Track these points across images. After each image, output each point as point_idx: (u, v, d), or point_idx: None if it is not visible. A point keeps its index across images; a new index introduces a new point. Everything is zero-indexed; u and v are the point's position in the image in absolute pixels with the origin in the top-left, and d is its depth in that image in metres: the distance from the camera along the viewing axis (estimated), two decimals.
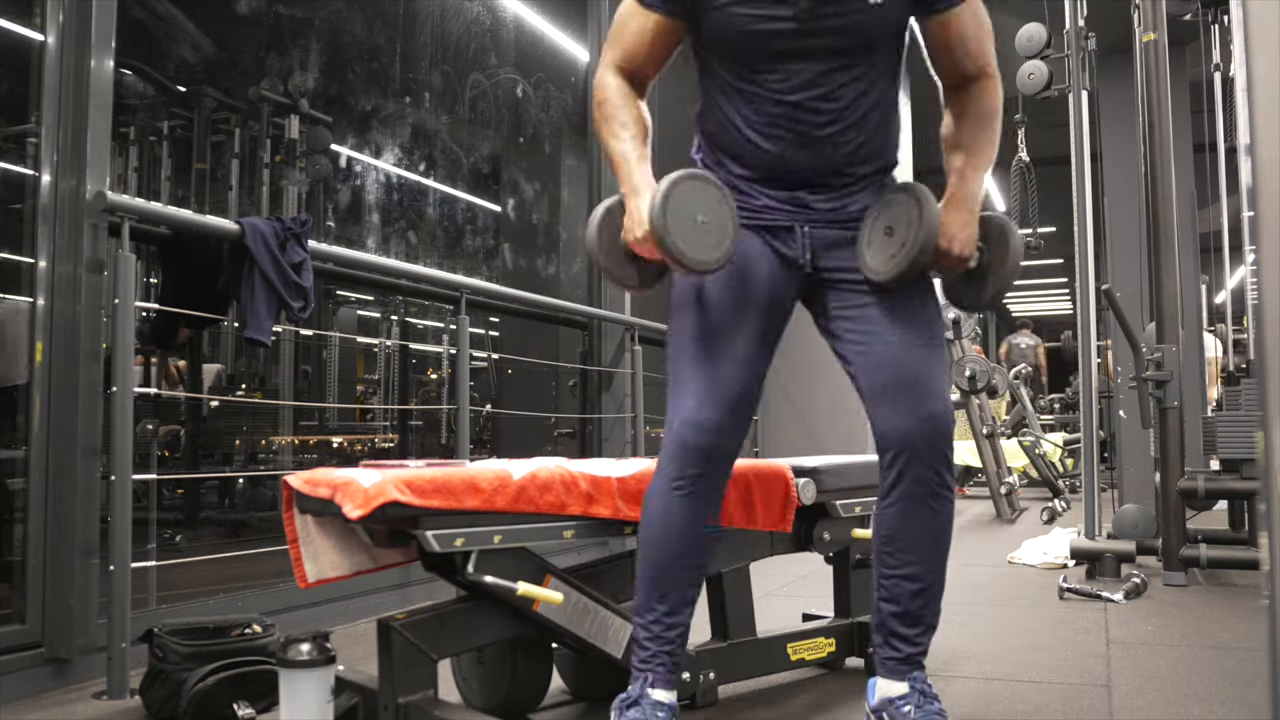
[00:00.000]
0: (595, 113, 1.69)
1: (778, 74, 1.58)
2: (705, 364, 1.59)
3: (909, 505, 1.59)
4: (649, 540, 1.61)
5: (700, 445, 1.57)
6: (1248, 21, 0.78)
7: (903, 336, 1.61)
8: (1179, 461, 3.42)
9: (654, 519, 1.61)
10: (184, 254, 2.50)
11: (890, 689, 1.62)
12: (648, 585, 1.60)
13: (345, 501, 1.45)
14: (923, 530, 1.60)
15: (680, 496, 1.58)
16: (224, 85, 5.06)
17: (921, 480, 1.58)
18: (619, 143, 1.63)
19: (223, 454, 5.22)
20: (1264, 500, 0.78)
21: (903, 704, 1.59)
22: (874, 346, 1.62)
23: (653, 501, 1.61)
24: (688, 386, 1.59)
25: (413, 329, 7.18)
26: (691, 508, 1.59)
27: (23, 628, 2.07)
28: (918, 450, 1.57)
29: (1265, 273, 0.75)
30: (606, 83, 1.66)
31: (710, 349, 1.60)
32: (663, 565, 1.60)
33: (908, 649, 1.62)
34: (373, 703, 1.57)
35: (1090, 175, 3.99)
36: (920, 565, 1.60)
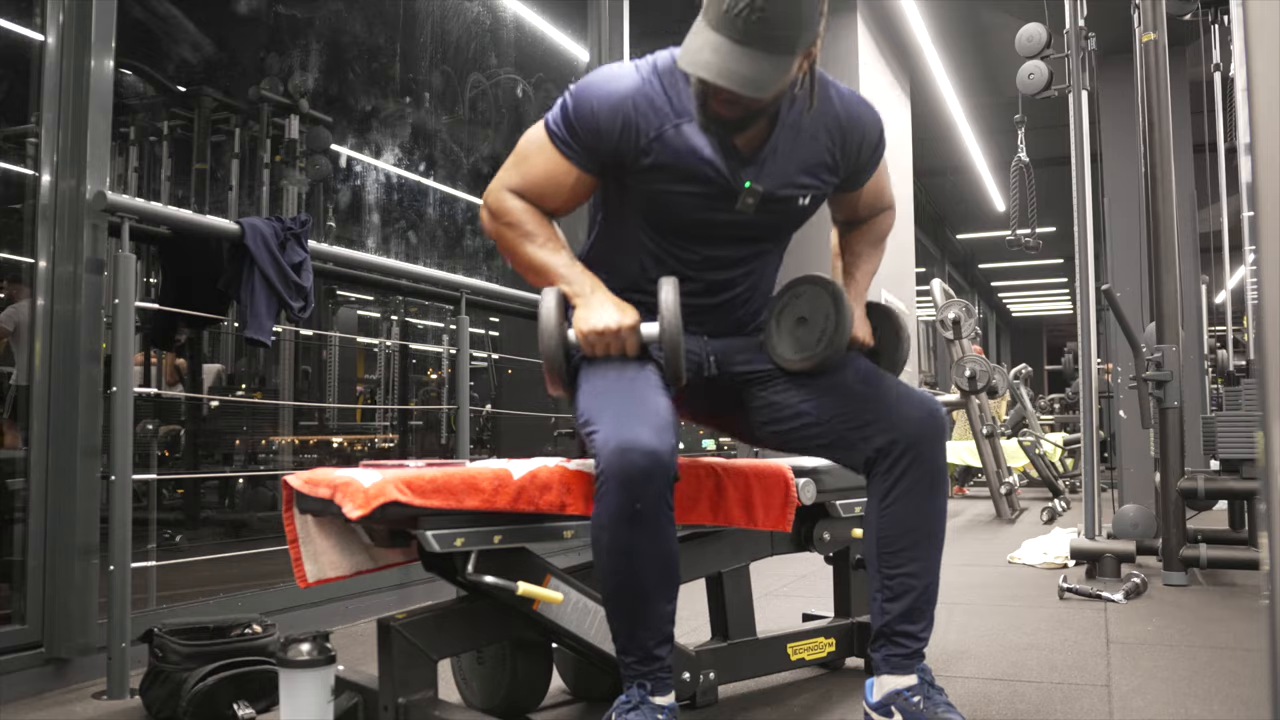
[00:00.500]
0: (501, 231, 1.64)
1: (699, 248, 1.66)
2: (631, 394, 1.52)
3: (914, 503, 1.60)
4: (618, 582, 1.47)
5: (649, 468, 1.42)
6: (1248, 21, 0.77)
7: (853, 372, 1.69)
8: (1179, 461, 3.42)
9: (617, 556, 1.45)
10: (184, 254, 2.50)
11: (897, 682, 1.61)
12: (625, 619, 1.49)
13: (345, 502, 1.45)
14: (927, 527, 1.62)
15: (641, 527, 1.43)
16: (224, 85, 5.06)
17: (926, 476, 1.61)
18: (546, 254, 1.60)
19: (223, 454, 5.22)
20: (1264, 500, 0.78)
21: (911, 695, 1.59)
22: (825, 386, 1.68)
23: (605, 538, 1.45)
24: (621, 417, 1.46)
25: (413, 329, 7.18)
26: (659, 532, 1.45)
27: (23, 628, 2.07)
28: (922, 447, 1.60)
29: (1265, 273, 0.74)
30: (510, 204, 1.62)
31: (633, 382, 1.55)
32: (637, 599, 1.48)
33: (914, 644, 1.63)
34: (373, 703, 1.57)
35: (1090, 175, 3.99)
36: (922, 562, 1.62)
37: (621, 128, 1.54)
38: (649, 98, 1.55)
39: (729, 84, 1.42)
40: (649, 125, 1.55)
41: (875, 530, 1.64)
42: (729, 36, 1.40)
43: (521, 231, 1.61)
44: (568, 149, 1.58)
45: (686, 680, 1.79)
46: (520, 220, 1.61)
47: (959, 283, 14.78)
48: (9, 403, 2.48)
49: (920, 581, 1.62)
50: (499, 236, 1.65)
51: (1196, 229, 6.37)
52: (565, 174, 1.60)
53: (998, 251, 13.26)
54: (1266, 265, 0.75)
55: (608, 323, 1.54)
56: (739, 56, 1.40)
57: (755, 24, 1.39)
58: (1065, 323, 19.15)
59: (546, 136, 1.60)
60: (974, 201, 11.34)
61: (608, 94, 1.55)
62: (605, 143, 1.56)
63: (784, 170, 1.62)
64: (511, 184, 1.63)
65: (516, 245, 1.62)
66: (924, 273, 10.40)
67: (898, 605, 1.62)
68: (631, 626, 1.49)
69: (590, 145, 1.57)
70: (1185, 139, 6.23)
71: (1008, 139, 5.95)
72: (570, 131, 1.57)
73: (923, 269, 10.24)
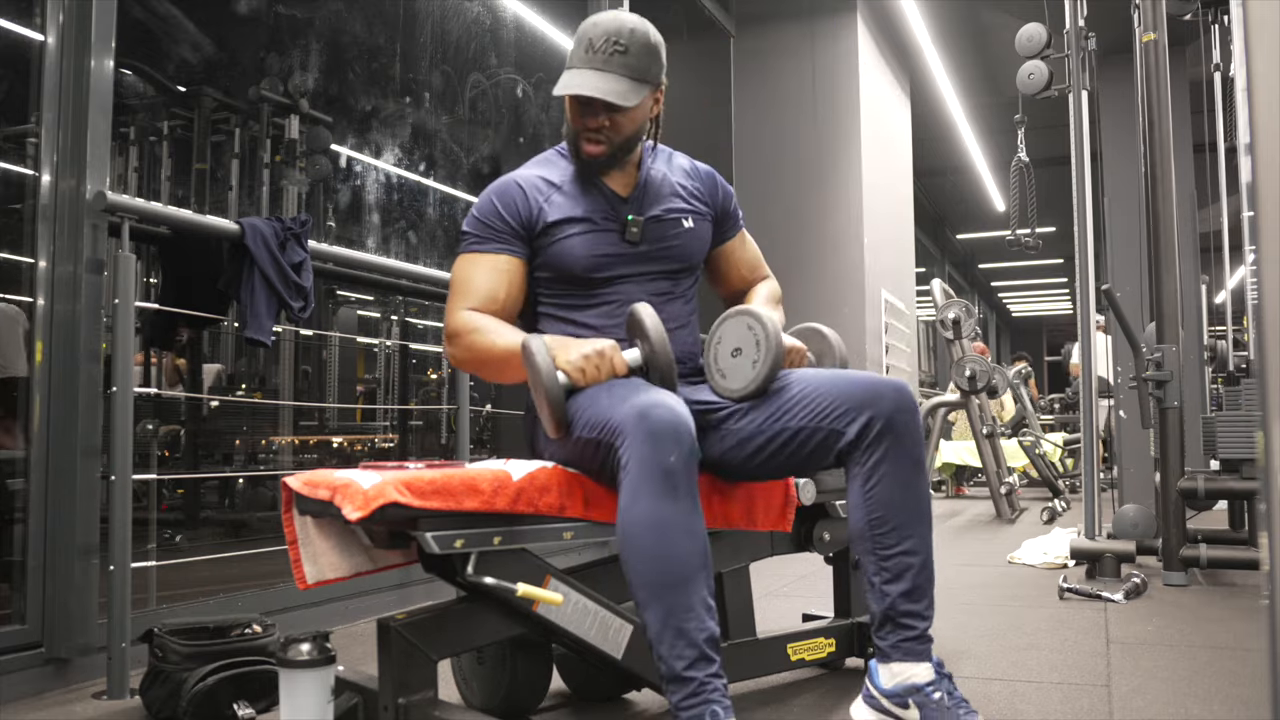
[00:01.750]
0: (468, 344, 1.73)
1: (613, 290, 1.80)
2: (639, 387, 1.56)
3: (897, 479, 1.62)
4: (655, 567, 1.43)
5: (674, 422, 1.45)
6: (1248, 21, 0.77)
7: (810, 376, 1.74)
8: (1179, 461, 3.42)
9: (652, 534, 1.43)
10: (184, 254, 2.50)
11: (913, 673, 1.60)
12: (667, 611, 1.42)
13: (345, 503, 1.45)
14: (914, 502, 1.63)
15: (674, 497, 1.43)
16: (224, 85, 5.06)
17: (905, 452, 1.63)
18: (514, 337, 1.69)
19: (223, 454, 5.22)
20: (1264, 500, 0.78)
21: (932, 690, 1.58)
22: (786, 397, 1.71)
23: (636, 516, 1.43)
24: (636, 398, 1.49)
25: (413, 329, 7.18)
26: (692, 508, 1.45)
27: (23, 628, 2.07)
28: (898, 420, 1.63)
29: (1265, 273, 0.74)
30: (469, 317, 1.74)
31: (636, 384, 1.60)
32: (679, 582, 1.42)
33: (922, 624, 1.62)
34: (373, 703, 1.57)
35: (1090, 175, 3.99)
36: (916, 538, 1.63)
37: (518, 200, 1.79)
38: (535, 177, 1.83)
39: (595, 93, 1.68)
40: (540, 194, 1.80)
41: (864, 513, 1.64)
42: (591, 67, 1.71)
43: (485, 330, 1.72)
44: (490, 244, 1.78)
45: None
46: (480, 323, 1.73)
47: (959, 283, 14.78)
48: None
49: (917, 558, 1.62)
50: (468, 352, 1.74)
51: (1196, 229, 6.36)
52: (499, 264, 1.77)
53: (998, 251, 13.26)
54: (1266, 265, 0.75)
55: (593, 348, 1.63)
56: (600, 77, 1.70)
57: (612, 54, 1.70)
58: (1065, 323, 19.15)
59: (468, 254, 1.79)
60: (974, 201, 11.34)
61: (500, 186, 1.82)
62: (512, 219, 1.78)
63: (657, 200, 1.85)
64: (462, 305, 1.76)
65: (485, 346, 1.71)
66: (924, 273, 10.40)
67: (899, 585, 1.61)
68: (679, 619, 1.42)
69: (503, 228, 1.78)
70: (1185, 139, 6.22)
71: (1008, 139, 5.95)
72: (485, 229, 1.78)
73: (923, 269, 10.23)
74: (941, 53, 7.04)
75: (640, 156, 1.86)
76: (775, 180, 5.92)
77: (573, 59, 1.74)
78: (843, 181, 6.04)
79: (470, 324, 1.73)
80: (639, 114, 1.77)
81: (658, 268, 1.84)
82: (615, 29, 1.71)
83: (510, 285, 1.78)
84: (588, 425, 1.58)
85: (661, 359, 1.62)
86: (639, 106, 1.75)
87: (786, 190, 5.96)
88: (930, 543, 1.66)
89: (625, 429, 1.47)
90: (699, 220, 1.89)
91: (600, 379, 1.62)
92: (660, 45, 1.76)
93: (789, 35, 6.07)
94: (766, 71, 6.08)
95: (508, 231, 1.78)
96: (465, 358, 1.76)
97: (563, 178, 1.83)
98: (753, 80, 6.06)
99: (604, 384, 1.62)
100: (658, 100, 1.82)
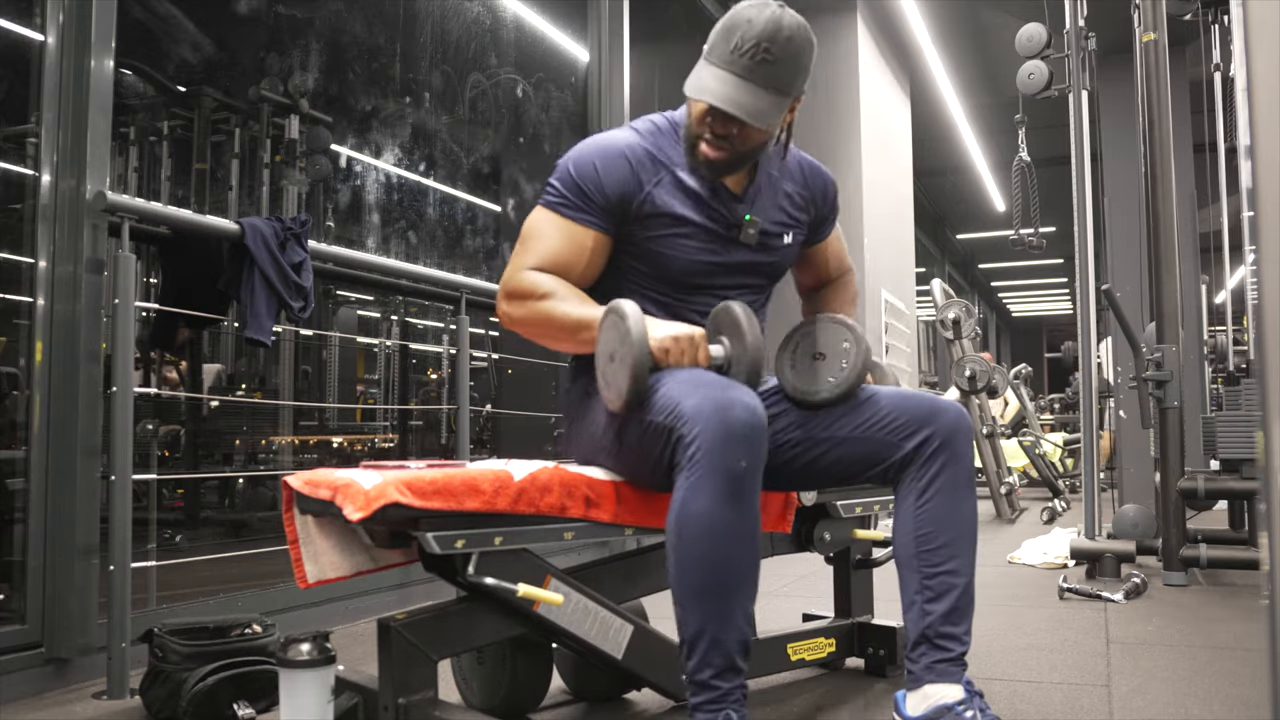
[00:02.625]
0: (531, 308, 1.61)
1: (700, 300, 1.70)
2: (717, 381, 1.49)
3: (951, 498, 1.59)
4: (706, 573, 1.40)
5: (752, 423, 1.39)
6: (1247, 21, 0.77)
7: (878, 390, 1.71)
8: (1179, 461, 3.42)
9: (711, 542, 1.39)
10: (184, 254, 2.50)
11: (944, 694, 1.54)
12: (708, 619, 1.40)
13: (346, 503, 1.45)
14: (963, 523, 1.61)
15: (740, 502, 1.39)
16: (224, 85, 5.06)
17: (960, 471, 1.61)
18: (587, 309, 1.59)
19: (223, 454, 5.22)
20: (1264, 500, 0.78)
21: (964, 709, 1.52)
22: (854, 404, 1.68)
23: (698, 520, 1.39)
24: (712, 391, 1.43)
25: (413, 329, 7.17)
26: (754, 509, 1.42)
27: (23, 628, 2.07)
28: (957, 441, 1.61)
29: (1265, 273, 0.74)
30: (536, 278, 1.62)
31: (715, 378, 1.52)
32: (727, 592, 1.39)
33: (959, 647, 1.57)
34: (373, 703, 1.57)
35: (1090, 175, 3.99)
36: (962, 558, 1.59)
37: (624, 176, 1.63)
38: (644, 150, 1.66)
39: (735, 110, 1.53)
40: (648, 174, 1.65)
41: (912, 528, 1.60)
42: (734, 72, 1.53)
43: (559, 296, 1.60)
44: (579, 213, 1.63)
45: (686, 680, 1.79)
46: (551, 288, 1.60)
47: (959, 283, 14.78)
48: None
49: (961, 579, 1.58)
50: (528, 315, 1.62)
51: (1196, 229, 6.37)
52: (584, 238, 1.63)
53: (998, 251, 13.27)
54: (1266, 265, 0.75)
55: (683, 330, 1.54)
56: (743, 89, 1.53)
57: (760, 63, 1.52)
58: (1065, 323, 19.15)
59: (552, 212, 1.64)
60: (974, 201, 11.33)
61: (605, 149, 1.65)
62: (612, 194, 1.62)
63: (769, 208, 1.74)
64: (530, 263, 1.63)
65: (551, 312, 1.60)
66: (924, 273, 10.39)
67: (940, 605, 1.57)
68: (716, 628, 1.40)
69: (600, 202, 1.62)
70: (1185, 139, 6.22)
71: (1008, 139, 5.95)
72: (579, 194, 1.63)
73: (923, 269, 10.23)
74: (941, 53, 7.04)
75: (757, 160, 1.72)
76: None
77: (713, 52, 1.56)
78: (843, 181, 6.01)
79: (541, 287, 1.60)
80: (771, 129, 1.61)
81: (750, 280, 1.76)
82: (770, 33, 1.52)
83: (589, 262, 1.65)
84: (654, 407, 1.49)
85: (751, 362, 1.55)
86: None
87: None
88: (974, 566, 1.61)
89: (699, 419, 1.39)
90: (797, 234, 1.80)
91: (682, 364, 1.53)
92: (812, 50, 1.58)
93: None
94: None
95: (602, 205, 1.62)
96: (525, 320, 1.63)
97: (675, 159, 1.67)
98: None
99: (682, 371, 1.53)
100: (793, 109, 1.65)
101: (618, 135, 1.69)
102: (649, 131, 1.70)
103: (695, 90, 1.57)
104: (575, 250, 1.63)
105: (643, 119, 1.73)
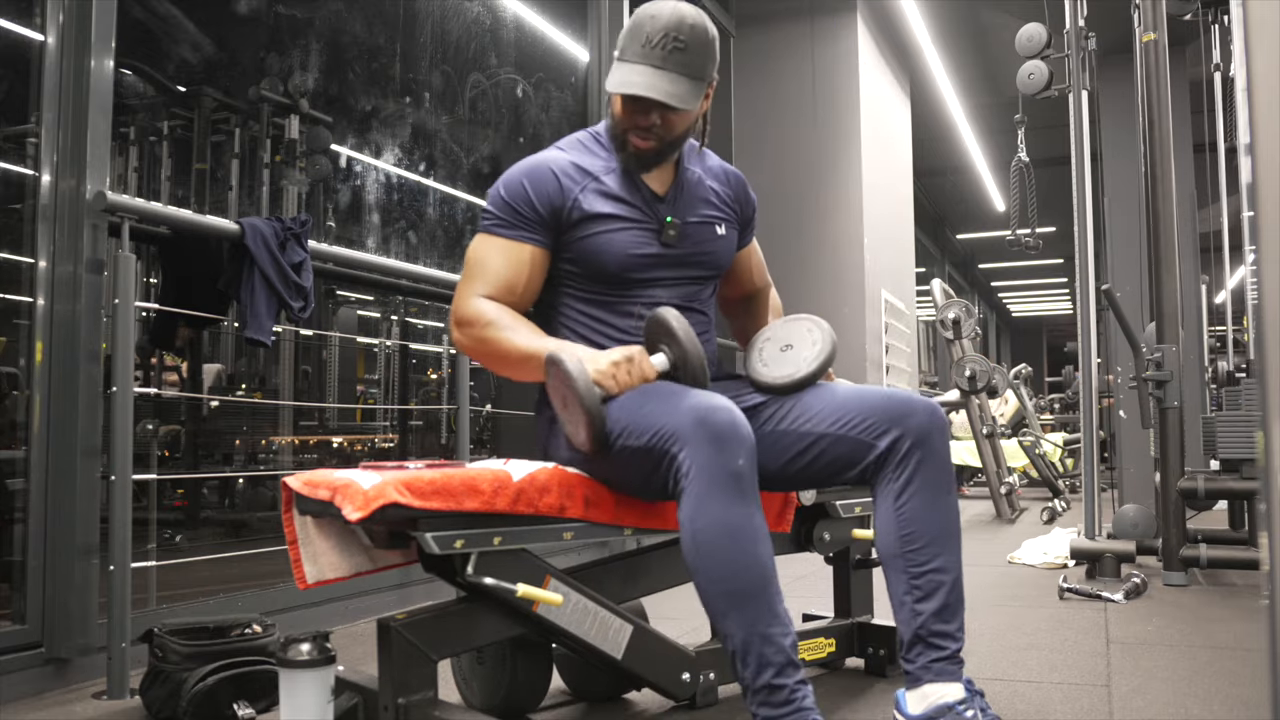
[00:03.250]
0: (479, 336, 1.66)
1: (637, 297, 1.75)
2: (681, 390, 1.53)
3: (930, 496, 1.60)
4: (733, 571, 1.40)
5: (734, 422, 1.43)
6: (1247, 21, 0.77)
7: (841, 388, 1.73)
8: (1179, 461, 3.42)
9: (727, 538, 1.40)
10: (184, 254, 2.50)
11: (944, 693, 1.54)
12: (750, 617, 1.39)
13: (345, 504, 1.45)
14: (945, 519, 1.61)
15: (744, 498, 1.41)
16: (224, 85, 5.06)
17: (936, 469, 1.61)
18: (534, 340, 1.64)
19: (223, 454, 5.22)
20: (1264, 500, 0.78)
21: (964, 709, 1.53)
22: (821, 403, 1.68)
23: (708, 521, 1.40)
24: (686, 401, 1.47)
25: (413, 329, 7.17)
26: (758, 508, 1.44)
27: (23, 628, 2.07)
28: (931, 439, 1.61)
29: (1265, 273, 0.74)
30: (482, 306, 1.67)
31: (673, 388, 1.56)
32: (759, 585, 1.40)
33: (953, 644, 1.58)
34: (373, 703, 1.57)
35: (1090, 175, 3.99)
36: (948, 555, 1.60)
37: (551, 189, 1.71)
38: (568, 163, 1.75)
39: (657, 95, 1.62)
40: (573, 183, 1.73)
41: (895, 529, 1.60)
42: (649, 64, 1.63)
43: (501, 326, 1.65)
44: (515, 230, 1.71)
45: (686, 680, 1.79)
46: (497, 317, 1.66)
47: (959, 283, 14.78)
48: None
49: (949, 576, 1.59)
50: (479, 343, 1.68)
51: (1196, 229, 6.37)
52: (522, 254, 1.71)
53: (998, 251, 13.26)
54: (1266, 265, 0.75)
55: (621, 354, 1.59)
56: (661, 76, 1.63)
57: (671, 51, 1.63)
58: (1065, 323, 19.15)
59: (490, 235, 1.72)
60: (974, 201, 11.34)
61: (532, 168, 1.73)
62: (543, 207, 1.70)
63: (693, 204, 1.81)
64: (476, 290, 1.69)
65: (499, 342, 1.65)
66: (924, 273, 10.40)
67: (930, 604, 1.57)
68: (764, 625, 1.39)
69: (532, 216, 1.70)
70: (1185, 139, 6.23)
71: (1008, 139, 5.95)
72: (512, 213, 1.71)
73: (923, 269, 10.23)
74: (941, 53, 7.04)
75: (681, 155, 1.81)
76: (775, 180, 5.92)
77: (626, 51, 1.66)
78: (843, 181, 6.04)
79: (484, 315, 1.66)
80: (691, 113, 1.71)
81: (689, 273, 1.80)
82: (675, 24, 1.63)
83: (530, 277, 1.72)
84: (631, 434, 1.52)
85: (694, 360, 1.59)
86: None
87: (786, 190, 5.96)
88: (960, 562, 1.62)
89: (684, 434, 1.42)
90: (729, 228, 1.86)
91: (632, 384, 1.58)
92: (716, 39, 1.69)
93: (789, 35, 6.07)
94: (766, 71, 6.09)
95: (535, 220, 1.70)
96: (474, 349, 1.70)
97: (599, 167, 1.76)
98: (753, 80, 6.06)
99: (636, 390, 1.58)
100: (707, 96, 1.74)
101: (544, 154, 1.77)
102: (572, 146, 1.80)
103: (617, 85, 1.65)
104: (516, 268, 1.70)
105: (567, 138, 1.83)
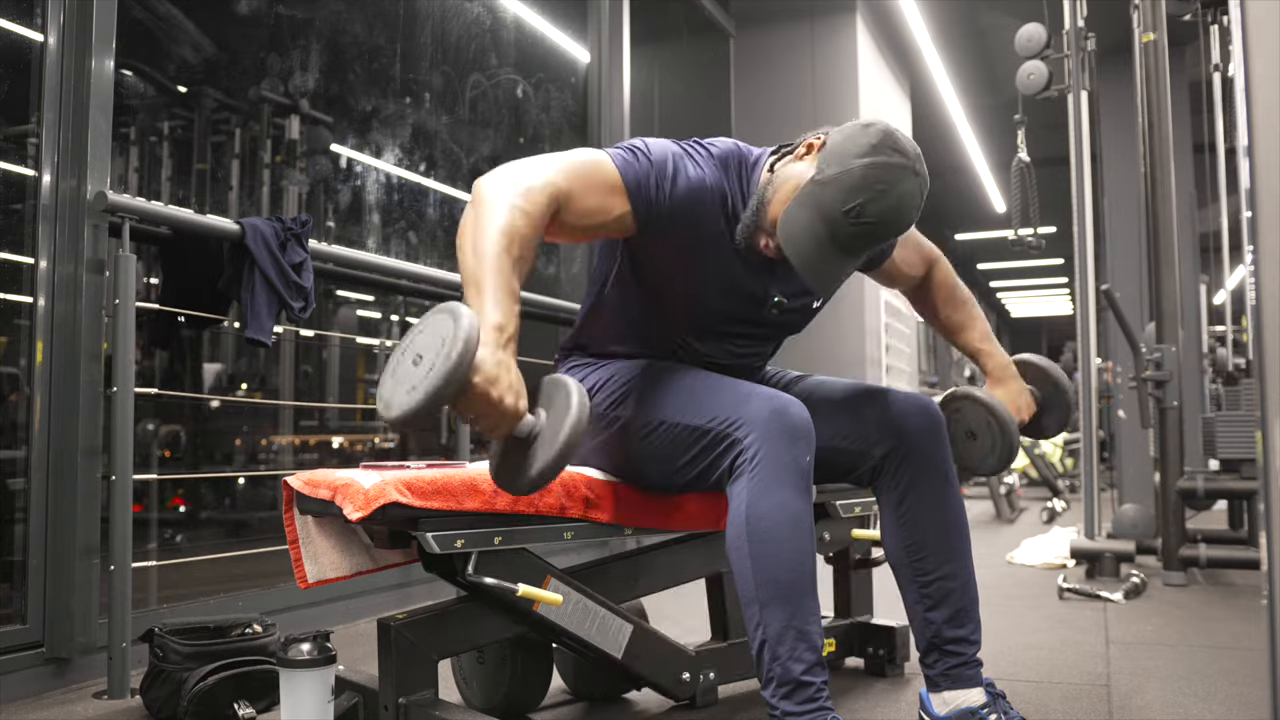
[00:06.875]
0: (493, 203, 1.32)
1: (721, 346, 1.65)
2: (733, 382, 1.51)
3: (931, 501, 1.58)
4: (792, 564, 1.38)
5: (810, 424, 1.43)
6: (1247, 21, 0.78)
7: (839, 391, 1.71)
8: (1179, 461, 3.42)
9: (790, 530, 1.38)
10: (184, 254, 2.50)
11: (964, 699, 1.55)
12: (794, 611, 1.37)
13: (346, 503, 1.45)
14: (950, 522, 1.59)
15: (806, 492, 1.40)
16: (224, 85, 5.06)
17: (935, 473, 1.58)
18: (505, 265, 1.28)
19: (223, 454, 5.22)
20: (1264, 500, 0.78)
21: (987, 713, 1.53)
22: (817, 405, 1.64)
23: (775, 513, 1.38)
24: (753, 393, 1.45)
25: None
26: (812, 500, 1.43)
27: (23, 627, 2.08)
28: (925, 445, 1.59)
29: (1264, 273, 0.75)
30: (540, 196, 1.35)
31: (719, 377, 1.54)
32: (806, 580, 1.39)
33: (970, 650, 1.57)
34: (373, 703, 1.57)
35: (1090, 175, 3.99)
36: (956, 561, 1.58)
37: (705, 205, 1.50)
38: (719, 191, 1.52)
39: (813, 284, 1.47)
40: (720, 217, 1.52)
41: (899, 539, 1.59)
42: (831, 233, 1.41)
43: (515, 223, 1.30)
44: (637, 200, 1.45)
45: (686, 680, 1.79)
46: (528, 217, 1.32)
47: None
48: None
49: (958, 581, 1.57)
50: (486, 204, 1.32)
51: (1196, 229, 6.37)
52: (615, 206, 1.45)
53: (998, 251, 13.25)
54: (1265, 265, 0.75)
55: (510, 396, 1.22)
56: (832, 259, 1.43)
57: (860, 235, 1.42)
58: (1065, 323, 19.14)
59: (617, 172, 1.45)
60: (974, 201, 11.33)
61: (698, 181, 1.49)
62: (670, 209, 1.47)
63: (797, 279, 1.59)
64: (554, 179, 1.38)
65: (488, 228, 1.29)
66: None
67: (941, 612, 1.56)
68: (802, 620, 1.38)
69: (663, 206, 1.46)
70: (1185, 139, 6.23)
71: (1008, 139, 5.95)
72: (654, 187, 1.46)
73: None
74: (941, 53, 7.04)
75: None
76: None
77: (823, 189, 1.42)
78: None
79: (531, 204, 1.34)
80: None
81: (773, 333, 1.71)
82: (896, 212, 1.47)
83: (592, 213, 1.43)
84: (684, 411, 1.47)
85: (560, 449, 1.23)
86: None
87: None
88: (970, 563, 1.60)
89: (756, 423, 1.40)
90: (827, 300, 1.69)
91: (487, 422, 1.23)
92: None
93: (789, 35, 6.07)
94: (766, 71, 6.08)
95: (663, 209, 1.46)
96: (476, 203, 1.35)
97: (734, 204, 1.54)
98: (752, 80, 6.06)
99: (687, 377, 1.52)
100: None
101: (709, 169, 1.52)
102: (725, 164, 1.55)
103: (788, 240, 1.42)
104: (600, 211, 1.43)
105: (722, 145, 1.56)
